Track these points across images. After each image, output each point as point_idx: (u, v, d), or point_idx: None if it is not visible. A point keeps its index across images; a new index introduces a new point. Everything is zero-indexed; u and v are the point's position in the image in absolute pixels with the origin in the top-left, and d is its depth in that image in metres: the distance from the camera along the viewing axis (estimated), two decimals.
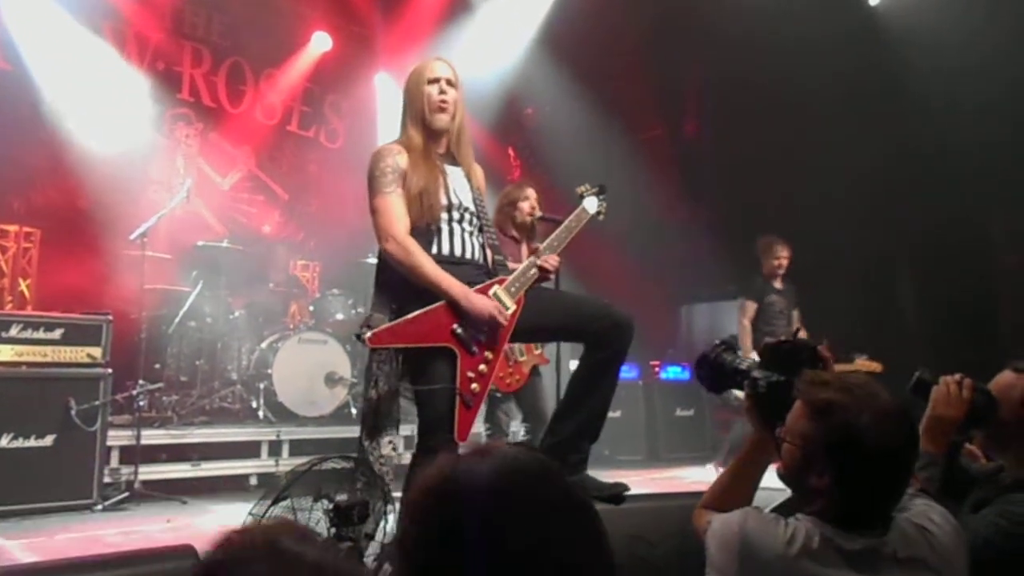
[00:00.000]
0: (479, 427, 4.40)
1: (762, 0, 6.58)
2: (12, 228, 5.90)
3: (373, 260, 6.61)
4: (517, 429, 4.50)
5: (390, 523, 2.67)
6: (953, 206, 6.12)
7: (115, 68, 6.36)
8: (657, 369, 7.36)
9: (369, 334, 2.44)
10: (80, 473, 4.29)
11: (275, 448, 5.32)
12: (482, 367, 2.54)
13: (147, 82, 6.62)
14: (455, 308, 2.49)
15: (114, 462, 4.61)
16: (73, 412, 4.22)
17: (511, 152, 8.72)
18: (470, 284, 2.56)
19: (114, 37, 6.39)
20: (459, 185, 2.70)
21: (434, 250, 2.57)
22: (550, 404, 4.38)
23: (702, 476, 5.85)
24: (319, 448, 5.14)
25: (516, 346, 4.16)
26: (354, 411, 5.94)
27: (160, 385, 5.30)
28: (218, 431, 5.29)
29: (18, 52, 5.81)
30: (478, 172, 2.85)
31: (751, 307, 5.68)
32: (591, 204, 3.07)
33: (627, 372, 7.22)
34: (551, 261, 2.72)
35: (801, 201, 7.03)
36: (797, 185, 7.04)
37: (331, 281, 6.85)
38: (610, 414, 7.63)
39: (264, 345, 5.76)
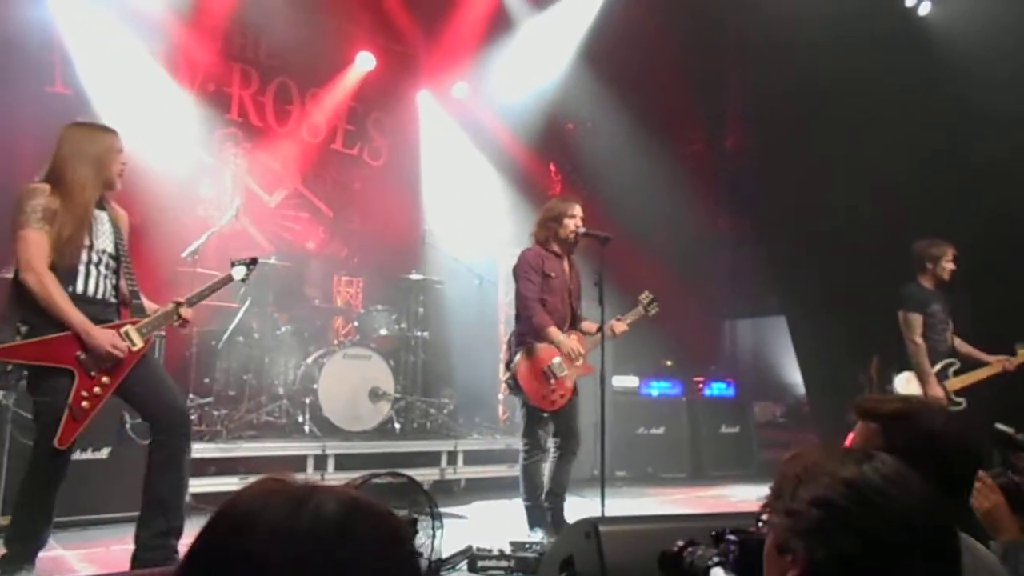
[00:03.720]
0: (518, 443, 4.40)
1: (804, 10, 6.52)
2: None
3: (416, 276, 6.74)
4: (549, 445, 4.47)
5: (438, 540, 2.70)
6: (1004, 217, 5.96)
7: (167, 90, 6.55)
8: (701, 385, 7.28)
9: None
10: (134, 485, 4.36)
11: (321, 462, 5.38)
12: (96, 389, 2.98)
13: (198, 103, 6.80)
14: (79, 339, 2.92)
15: None
16: (128, 426, 4.33)
17: (552, 167, 8.74)
18: (101, 321, 3.03)
19: (167, 61, 6.59)
20: (103, 229, 3.15)
21: (72, 289, 2.98)
22: (583, 421, 4.37)
23: (748, 494, 5.76)
24: (364, 463, 5.19)
25: (556, 361, 4.15)
26: (398, 426, 6.00)
27: (210, 399, 5.41)
28: (265, 445, 5.38)
29: (77, 77, 6.02)
30: (123, 217, 3.33)
31: (918, 320, 4.83)
32: (238, 272, 3.53)
33: (670, 388, 7.16)
34: (186, 313, 3.24)
35: (846, 213, 6.92)
36: (842, 197, 6.93)
37: (374, 297, 6.93)
38: (653, 431, 7.64)
39: (310, 360, 5.84)
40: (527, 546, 3.66)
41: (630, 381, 7.05)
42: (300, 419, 5.71)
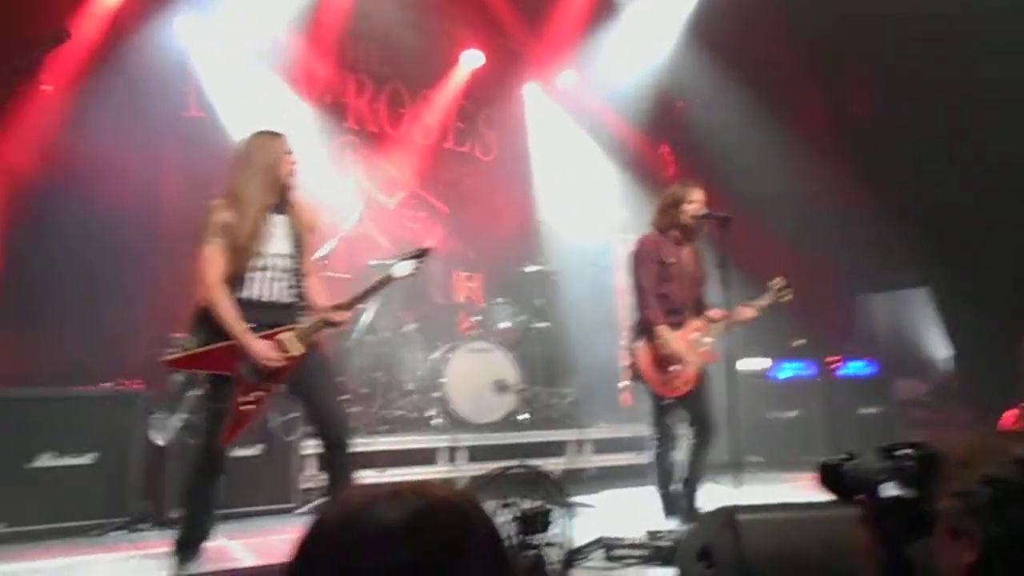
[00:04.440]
0: (644, 431, 4.35)
1: None
2: None
3: (532, 268, 6.78)
4: (684, 433, 4.39)
5: (571, 529, 2.73)
6: None
7: (290, 105, 6.89)
8: (836, 365, 6.93)
9: (170, 356, 3.20)
10: (282, 479, 4.71)
11: (452, 454, 5.54)
12: (257, 393, 3.16)
13: (317, 115, 7.12)
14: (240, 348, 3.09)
15: (310, 470, 4.99)
16: (272, 425, 4.63)
17: (665, 148, 8.56)
18: (271, 324, 3.16)
19: (288, 77, 6.94)
20: (279, 233, 3.24)
21: (244, 294, 3.16)
22: (716, 408, 4.26)
23: None
24: (493, 454, 5.30)
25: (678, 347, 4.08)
26: (524, 417, 6.08)
27: (347, 397, 5.67)
28: (400, 439, 5.59)
29: (209, 100, 6.44)
30: (305, 213, 3.38)
31: None
32: (401, 269, 3.49)
33: (803, 369, 6.87)
34: (340, 317, 3.31)
35: (988, 175, 6.39)
36: (983, 159, 6.40)
37: (494, 291, 7.04)
38: (787, 413, 7.36)
39: (436, 356, 6.02)
40: (662, 535, 3.63)
41: (759, 363, 6.82)
42: (430, 413, 5.89)
